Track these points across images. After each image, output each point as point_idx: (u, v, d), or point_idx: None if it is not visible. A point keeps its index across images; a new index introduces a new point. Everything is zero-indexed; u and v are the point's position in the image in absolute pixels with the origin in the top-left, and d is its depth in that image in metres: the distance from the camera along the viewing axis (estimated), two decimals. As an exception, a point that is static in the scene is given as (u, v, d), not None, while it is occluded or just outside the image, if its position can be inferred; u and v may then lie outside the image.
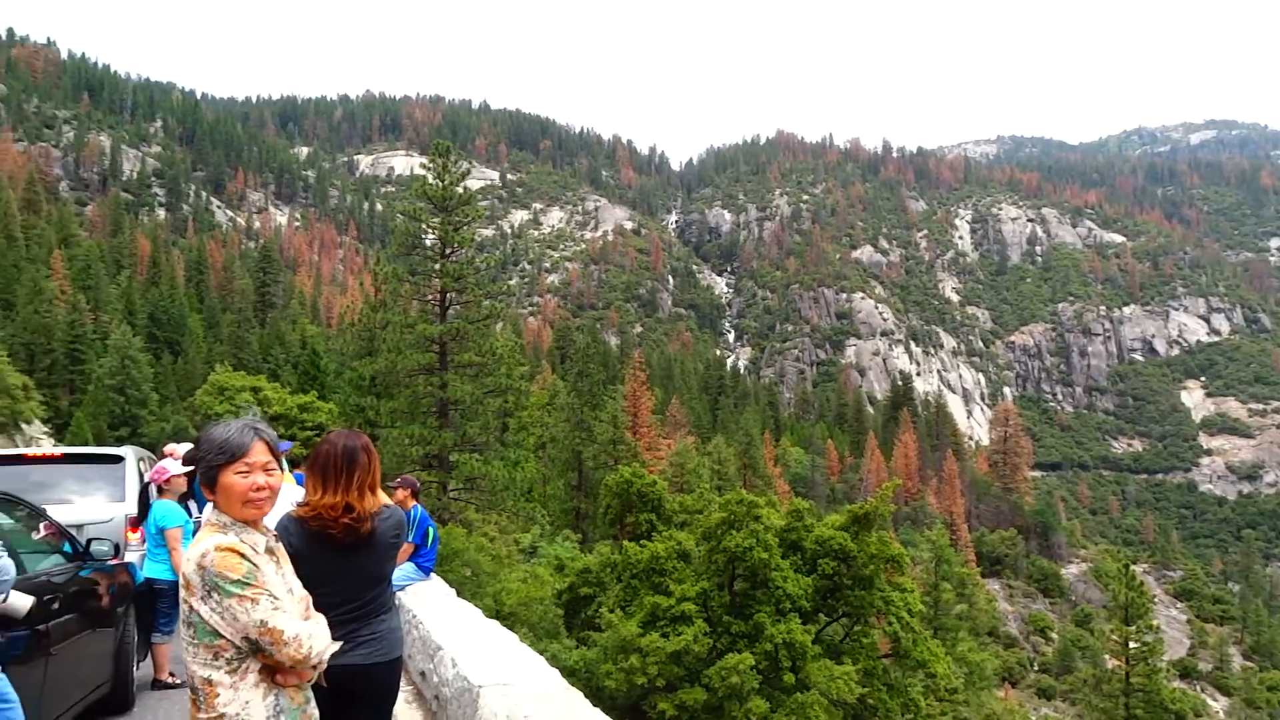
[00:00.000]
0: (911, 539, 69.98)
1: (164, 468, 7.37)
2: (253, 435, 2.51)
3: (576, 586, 29.72)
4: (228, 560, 2.32)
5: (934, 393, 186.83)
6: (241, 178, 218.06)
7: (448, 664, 4.85)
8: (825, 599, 26.70)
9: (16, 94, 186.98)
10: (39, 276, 77.44)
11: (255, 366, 73.51)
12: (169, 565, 7.06)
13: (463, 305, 37.84)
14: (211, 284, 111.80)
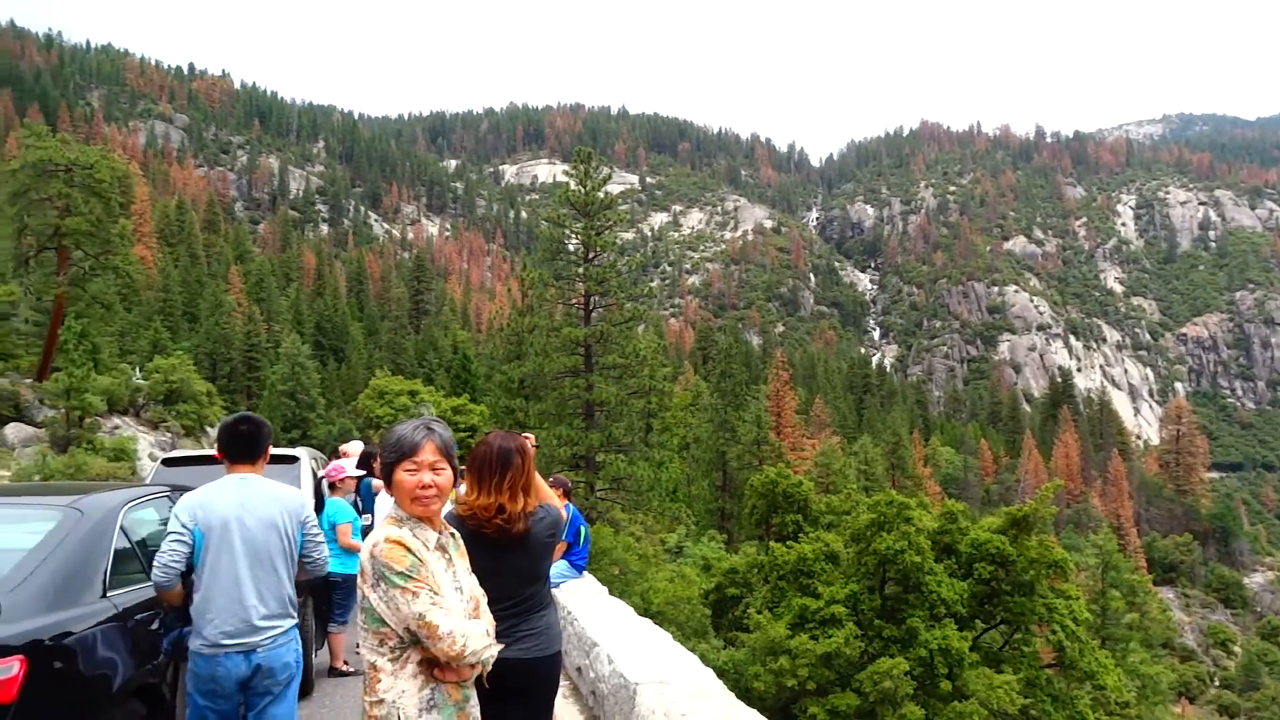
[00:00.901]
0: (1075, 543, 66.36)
1: (340, 466, 7.85)
2: (424, 435, 2.60)
3: (723, 587, 29.68)
4: (394, 552, 2.41)
5: (1097, 389, 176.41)
6: (396, 191, 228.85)
7: (604, 660, 4.94)
8: (982, 605, 25.68)
9: (197, 123, 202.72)
10: (219, 291, 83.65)
11: (411, 371, 76.95)
12: (341, 559, 7.52)
13: (606, 308, 38.47)
14: (370, 293, 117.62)
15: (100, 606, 3.82)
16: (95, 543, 3.99)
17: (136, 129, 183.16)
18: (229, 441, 4.31)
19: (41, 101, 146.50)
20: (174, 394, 42.29)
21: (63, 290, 39.74)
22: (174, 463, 9.47)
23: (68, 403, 32.96)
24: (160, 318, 74.82)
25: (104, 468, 28.64)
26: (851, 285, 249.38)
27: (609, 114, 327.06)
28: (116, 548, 4.14)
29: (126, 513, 4.39)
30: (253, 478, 4.23)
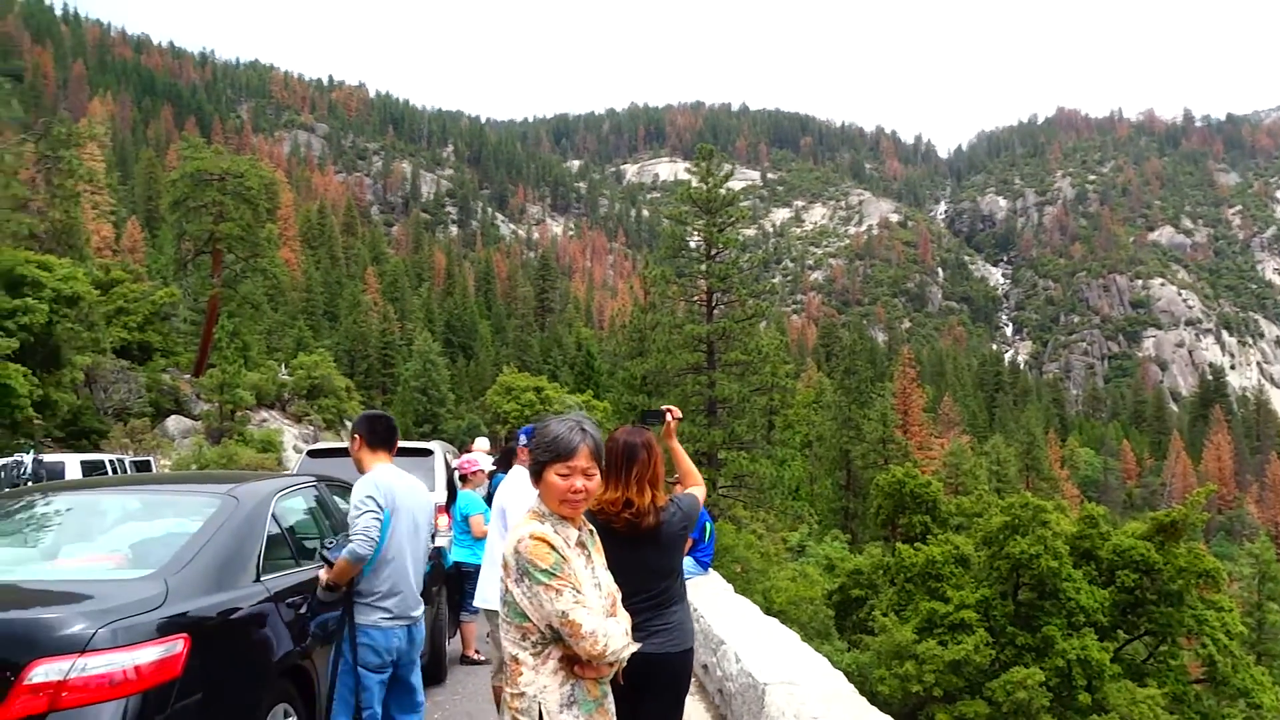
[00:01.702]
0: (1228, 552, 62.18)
1: (474, 460, 8.11)
2: (580, 438, 2.59)
3: (847, 588, 29.11)
4: (538, 549, 2.42)
5: (1253, 388, 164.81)
6: (521, 193, 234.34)
7: (731, 659, 4.92)
8: (1125, 614, 24.36)
9: (336, 131, 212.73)
10: (356, 291, 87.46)
11: (536, 368, 78.58)
12: (473, 550, 7.75)
13: (728, 305, 38.31)
14: (497, 292, 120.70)
15: (255, 589, 4.05)
16: (250, 529, 4.24)
17: (281, 139, 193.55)
18: (386, 432, 4.59)
19: (197, 115, 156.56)
20: (316, 389, 44.47)
21: (217, 291, 42.36)
22: (318, 454, 10.00)
23: (221, 397, 35.10)
24: (303, 317, 78.85)
25: (253, 458, 30.40)
26: (982, 280, 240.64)
27: (729, 110, 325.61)
28: (269, 534, 4.38)
29: (278, 501, 4.65)
30: (401, 470, 4.55)
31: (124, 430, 30.41)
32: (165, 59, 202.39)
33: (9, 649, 3.14)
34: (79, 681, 3.12)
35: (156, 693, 3.27)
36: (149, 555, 3.94)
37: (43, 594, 3.60)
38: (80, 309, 27.89)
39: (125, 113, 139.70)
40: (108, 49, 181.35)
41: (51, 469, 16.35)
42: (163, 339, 41.21)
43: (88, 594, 3.49)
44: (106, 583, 3.67)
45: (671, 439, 4.05)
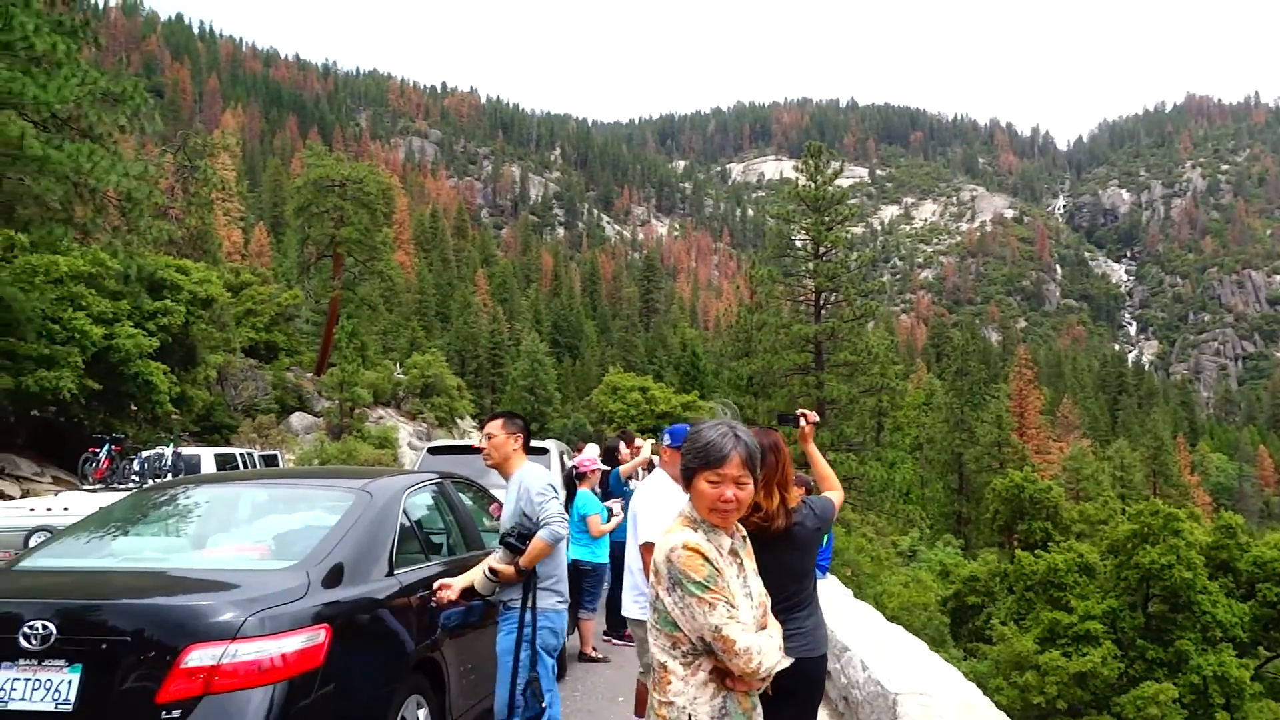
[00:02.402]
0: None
1: (592, 458, 8.18)
2: (733, 446, 2.50)
3: (962, 594, 28.27)
4: (693, 560, 2.35)
5: None
6: (627, 194, 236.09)
7: (857, 666, 4.80)
8: (1267, 630, 22.92)
9: (448, 137, 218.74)
10: (467, 292, 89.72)
11: (641, 368, 78.94)
12: (591, 549, 7.82)
13: (836, 305, 37.72)
14: (603, 293, 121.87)
15: (388, 583, 4.16)
16: (383, 523, 4.35)
17: (397, 145, 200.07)
18: (528, 431, 4.87)
19: (320, 124, 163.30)
20: (429, 388, 45.73)
21: (337, 293, 44.04)
22: (438, 451, 10.29)
23: (341, 395, 36.44)
24: (417, 318, 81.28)
25: (371, 454, 31.47)
26: (1103, 276, 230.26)
27: (837, 107, 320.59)
28: (400, 528, 4.49)
29: (408, 496, 4.76)
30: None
31: (252, 425, 31.91)
32: (291, 71, 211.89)
33: (168, 633, 3.29)
34: (230, 667, 3.24)
35: (301, 681, 3.38)
36: (291, 547, 4.08)
37: (195, 582, 3.78)
38: (214, 311, 29.37)
39: (254, 123, 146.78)
40: (239, 63, 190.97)
41: (189, 461, 17.28)
42: (287, 339, 43.02)
43: (235, 583, 3.63)
44: (252, 573, 3.81)
45: (808, 443, 3.99)
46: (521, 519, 4.46)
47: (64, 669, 3.27)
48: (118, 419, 23.61)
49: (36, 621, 3.28)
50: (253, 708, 3.24)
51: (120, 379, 22.45)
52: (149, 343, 22.99)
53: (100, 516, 4.63)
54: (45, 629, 3.26)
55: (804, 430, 4.00)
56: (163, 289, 25.94)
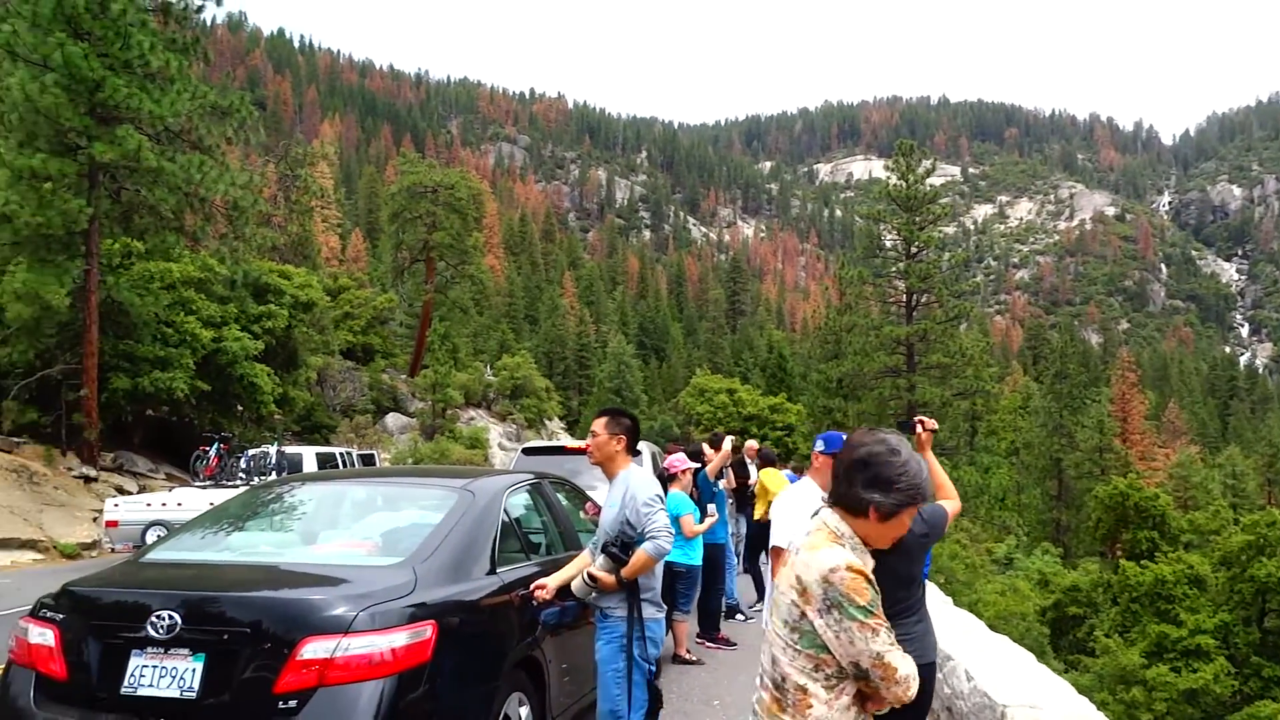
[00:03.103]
0: None
1: (683, 458, 8.17)
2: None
3: (1063, 605, 27.29)
4: (858, 583, 2.24)
5: None
6: (713, 196, 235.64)
7: (961, 676, 4.66)
8: (1398, 651, 21.54)
9: (537, 142, 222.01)
10: (555, 295, 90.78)
11: (728, 370, 78.62)
12: (684, 550, 7.80)
13: (928, 306, 36.96)
14: (689, 295, 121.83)
15: (490, 581, 4.21)
16: (485, 522, 4.41)
17: (487, 151, 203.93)
18: (636, 432, 4.70)
19: (412, 132, 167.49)
20: (518, 389, 46.44)
21: (430, 297, 45.12)
22: (532, 452, 10.44)
23: (434, 396, 37.29)
24: (506, 320, 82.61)
25: (462, 454, 32.11)
26: (1213, 276, 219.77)
27: (928, 104, 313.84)
28: (501, 527, 4.55)
29: (507, 496, 4.83)
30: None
31: (350, 425, 32.93)
32: (386, 81, 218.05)
33: (284, 626, 3.39)
34: (343, 660, 3.32)
35: (410, 675, 3.44)
36: (397, 544, 4.17)
37: (307, 576, 3.88)
38: (314, 314, 30.43)
39: (350, 132, 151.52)
40: (337, 75, 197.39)
41: (291, 460, 17.89)
42: (382, 341, 44.27)
43: (346, 579, 3.72)
44: (361, 568, 3.90)
45: (925, 451, 3.83)
46: (625, 527, 4.34)
47: (188, 658, 3.39)
48: (225, 418, 24.64)
49: (163, 612, 3.41)
50: (364, 700, 3.31)
51: (228, 380, 23.44)
52: (254, 345, 23.95)
53: (216, 512, 4.81)
54: (171, 619, 3.39)
55: (920, 437, 3.87)
56: (267, 294, 26.98)
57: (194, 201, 20.54)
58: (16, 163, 17.20)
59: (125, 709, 3.37)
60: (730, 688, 6.59)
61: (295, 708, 3.27)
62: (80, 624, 3.56)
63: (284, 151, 41.13)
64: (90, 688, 3.45)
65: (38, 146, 17.70)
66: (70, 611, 3.62)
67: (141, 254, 22.01)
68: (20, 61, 17.81)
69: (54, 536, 16.68)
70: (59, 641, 3.54)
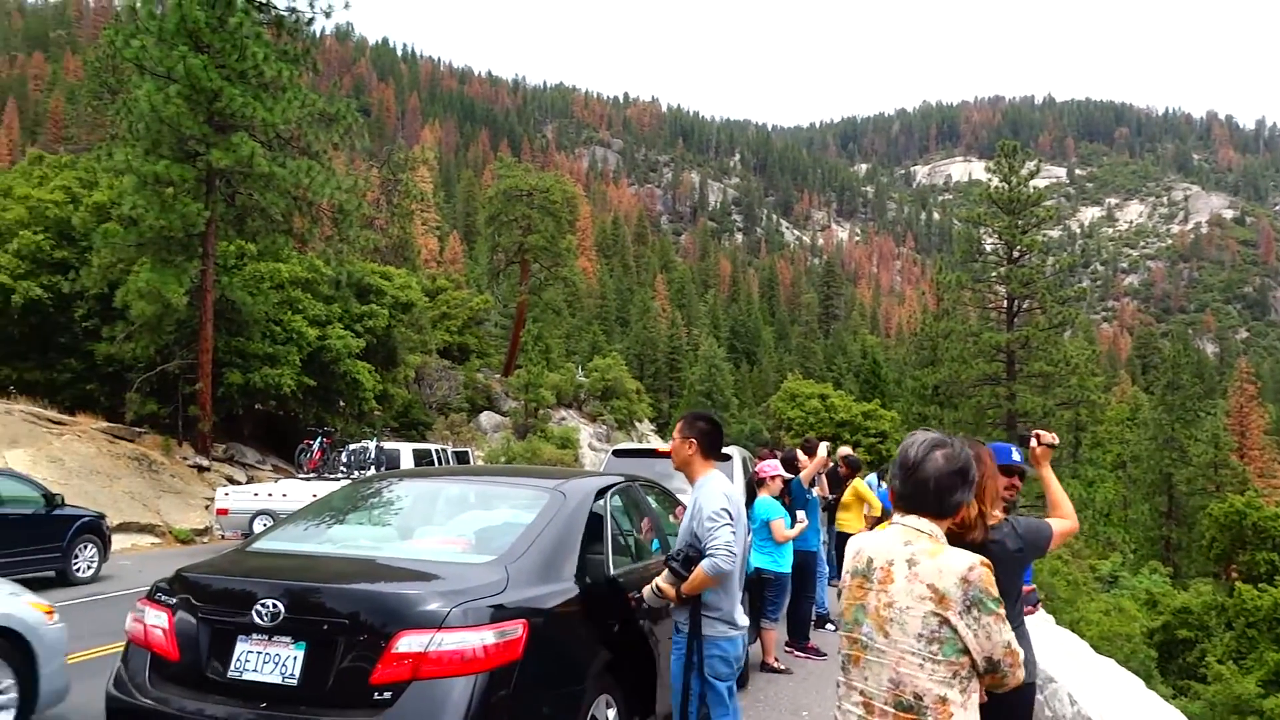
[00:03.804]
0: None
1: (774, 464, 8.10)
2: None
3: (1172, 627, 26.05)
4: (990, 577, 2.29)
5: None
6: (807, 199, 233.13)
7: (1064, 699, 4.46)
8: None
9: (630, 146, 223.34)
10: (646, 297, 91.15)
11: (820, 375, 77.60)
12: (774, 556, 7.71)
13: (1030, 312, 35.84)
14: (781, 299, 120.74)
15: (580, 582, 4.22)
16: (576, 523, 4.44)
17: (581, 155, 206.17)
18: (713, 438, 4.44)
19: (509, 137, 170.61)
20: (609, 391, 46.75)
21: (524, 298, 45.86)
22: (623, 454, 10.47)
23: (526, 395, 37.85)
24: (598, 322, 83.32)
25: (553, 454, 32.48)
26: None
27: (1032, 104, 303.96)
28: (591, 529, 4.57)
29: (598, 498, 4.85)
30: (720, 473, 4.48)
31: (445, 423, 33.66)
32: (484, 87, 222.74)
33: (380, 618, 3.48)
34: (436, 655, 3.38)
35: (501, 673, 3.48)
36: (490, 542, 4.22)
37: (403, 571, 3.98)
38: (413, 314, 31.26)
39: (449, 138, 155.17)
40: (437, 81, 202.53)
41: (390, 455, 18.44)
42: (478, 342, 45.15)
43: (440, 574, 3.78)
44: (455, 565, 3.95)
45: (1041, 466, 3.66)
46: (692, 540, 4.17)
47: (290, 645, 3.51)
48: (328, 414, 25.51)
49: (268, 600, 3.54)
50: (456, 695, 3.36)
51: (331, 377, 24.26)
52: (356, 344, 24.75)
53: (319, 505, 4.97)
54: (275, 607, 3.51)
55: (1035, 451, 3.66)
56: (369, 294, 27.83)
57: (302, 205, 21.36)
58: (142, 169, 18.16)
59: (231, 692, 3.50)
60: (819, 698, 6.49)
61: (390, 699, 3.34)
62: (192, 608, 3.71)
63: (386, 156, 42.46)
64: (200, 670, 3.59)
65: (161, 154, 18.66)
66: (183, 596, 3.77)
67: (253, 255, 22.98)
68: (147, 74, 18.83)
69: (170, 522, 17.56)
70: (172, 624, 3.70)
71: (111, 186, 20.30)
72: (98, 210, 21.01)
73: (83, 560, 12.12)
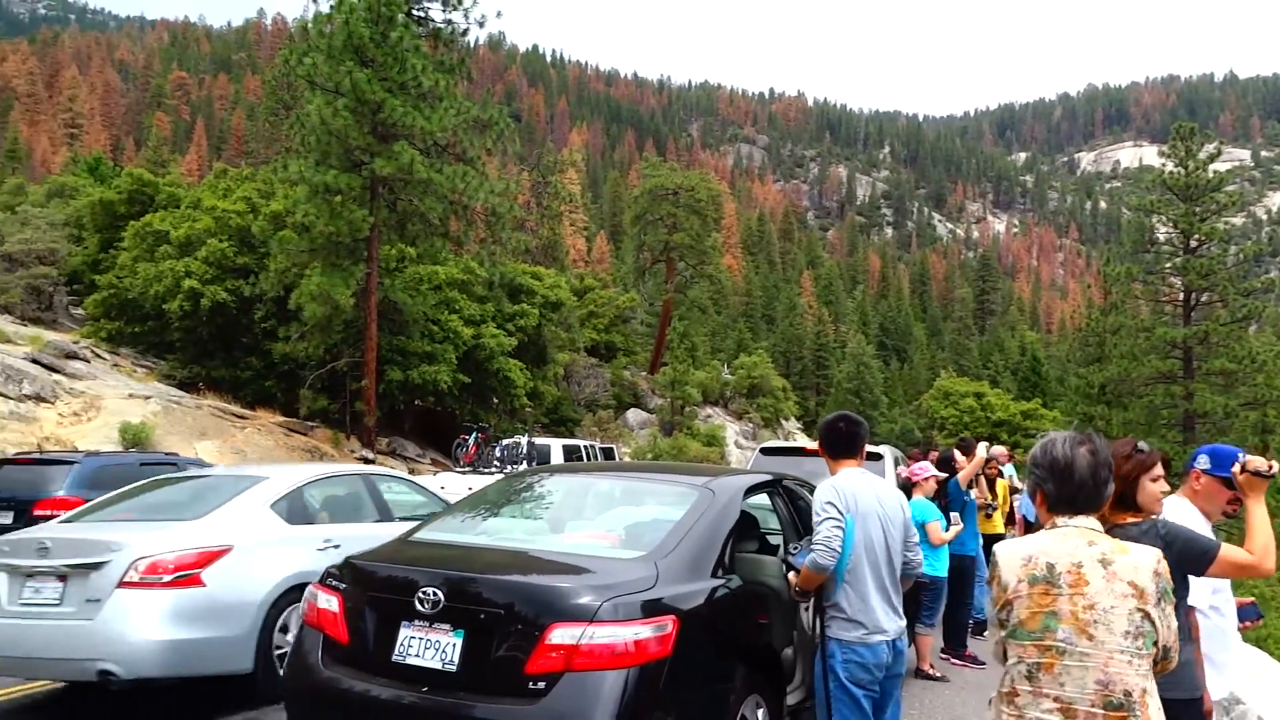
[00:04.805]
0: None
1: (925, 466, 7.83)
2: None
3: (1378, 651, 23.68)
4: (1168, 568, 2.39)
5: None
6: (960, 190, 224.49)
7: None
8: None
9: (775, 142, 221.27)
10: (792, 294, 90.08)
11: (975, 372, 74.72)
12: (929, 560, 7.43)
13: (1209, 305, 33.43)
14: (933, 294, 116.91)
15: (730, 579, 4.20)
16: (725, 521, 4.41)
17: (726, 152, 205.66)
18: (833, 438, 4.40)
19: (654, 137, 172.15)
20: (755, 389, 46.50)
21: (669, 296, 46.19)
22: (770, 452, 10.39)
23: (672, 393, 38.09)
24: (744, 319, 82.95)
25: (699, 451, 32.55)
26: None
27: (1211, 82, 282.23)
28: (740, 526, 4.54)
29: (747, 496, 4.81)
30: (870, 474, 4.35)
31: (593, 420, 34.28)
32: (629, 89, 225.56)
33: (534, 609, 3.56)
34: (588, 648, 3.43)
35: (651, 669, 3.49)
36: (640, 538, 4.25)
37: (555, 564, 4.06)
38: (562, 314, 32.04)
39: (596, 139, 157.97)
40: (585, 85, 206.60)
41: (541, 451, 18.96)
42: (624, 340, 45.78)
43: (591, 568, 3.83)
44: (605, 560, 4.00)
45: (1247, 496, 3.23)
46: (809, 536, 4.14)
47: (449, 632, 3.64)
48: (482, 410, 26.47)
49: (429, 588, 3.68)
50: (607, 689, 3.39)
51: (485, 374, 25.16)
52: (509, 342, 25.57)
53: (475, 498, 5.15)
54: (435, 595, 3.65)
55: (1239, 479, 3.24)
56: (520, 294, 28.69)
57: (458, 209, 22.21)
58: (313, 179, 19.33)
59: (395, 675, 3.65)
60: (977, 708, 6.24)
61: (544, 689, 3.41)
62: (359, 594, 3.89)
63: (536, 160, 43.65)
64: (366, 653, 3.77)
65: (330, 164, 19.80)
66: (351, 582, 3.96)
67: (413, 258, 24.09)
68: (317, 89, 20.03)
69: (338, 512, 18.58)
70: (342, 608, 3.90)
71: (286, 196, 21.71)
72: (274, 219, 22.51)
73: (262, 545, 12.98)
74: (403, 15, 20.67)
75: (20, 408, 16.64)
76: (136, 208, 27.42)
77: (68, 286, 27.82)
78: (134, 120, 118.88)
